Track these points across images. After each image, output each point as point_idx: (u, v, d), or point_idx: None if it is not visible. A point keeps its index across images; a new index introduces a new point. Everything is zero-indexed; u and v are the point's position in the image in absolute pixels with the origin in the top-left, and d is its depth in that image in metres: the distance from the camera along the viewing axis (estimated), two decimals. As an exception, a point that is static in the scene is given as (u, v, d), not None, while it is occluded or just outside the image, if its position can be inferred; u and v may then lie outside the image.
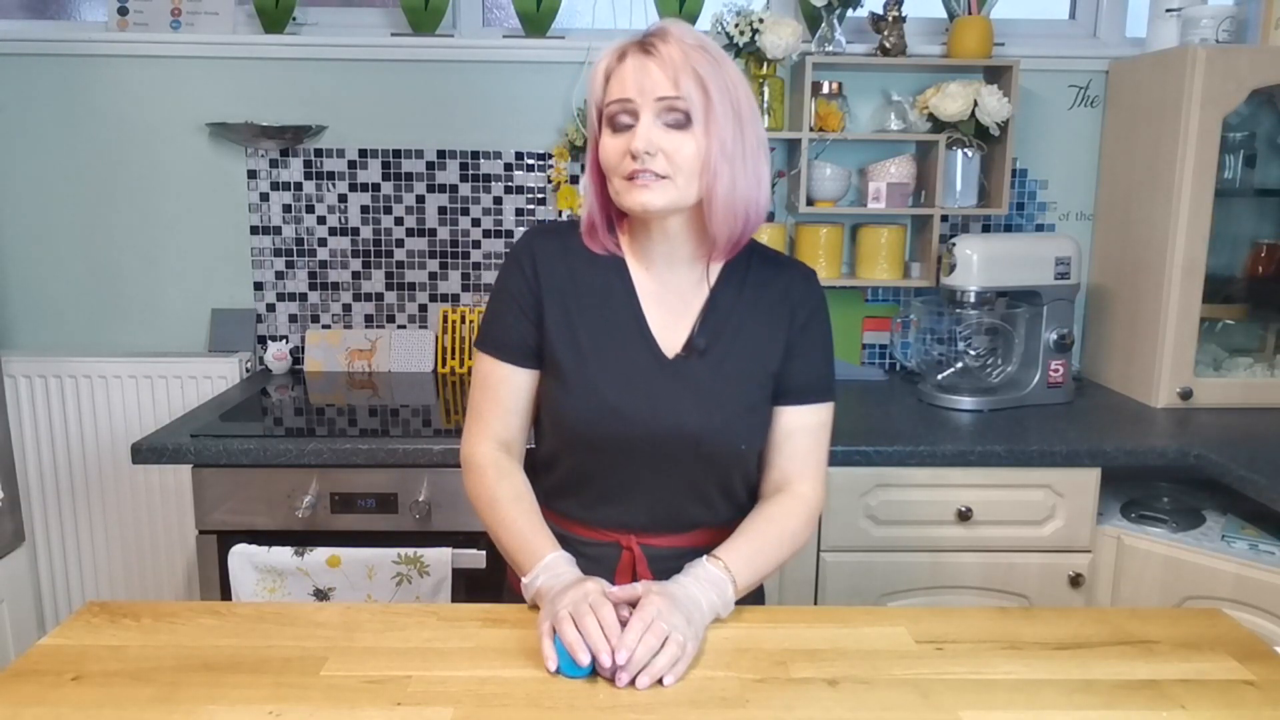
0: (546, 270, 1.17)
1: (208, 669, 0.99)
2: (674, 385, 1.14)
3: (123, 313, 2.38)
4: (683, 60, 1.06)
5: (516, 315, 1.18)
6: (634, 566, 1.19)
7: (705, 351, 1.16)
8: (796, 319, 1.19)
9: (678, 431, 1.13)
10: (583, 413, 1.14)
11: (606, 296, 1.17)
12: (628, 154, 1.07)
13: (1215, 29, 2.06)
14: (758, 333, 1.18)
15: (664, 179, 1.08)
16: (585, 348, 1.15)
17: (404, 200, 2.35)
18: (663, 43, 1.07)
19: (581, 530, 1.21)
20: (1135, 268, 2.16)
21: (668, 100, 1.06)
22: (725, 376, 1.16)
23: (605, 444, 1.15)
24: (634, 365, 1.15)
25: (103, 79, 2.27)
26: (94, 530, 2.35)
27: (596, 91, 1.11)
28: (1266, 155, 2.19)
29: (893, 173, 2.22)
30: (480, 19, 2.37)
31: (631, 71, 1.07)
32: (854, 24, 2.29)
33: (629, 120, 1.08)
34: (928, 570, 1.82)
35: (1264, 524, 1.78)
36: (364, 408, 2.03)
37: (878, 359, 2.44)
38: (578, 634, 0.96)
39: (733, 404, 1.15)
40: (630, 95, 1.07)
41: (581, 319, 1.16)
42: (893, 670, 1.00)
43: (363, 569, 1.72)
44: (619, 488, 1.18)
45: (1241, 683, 0.98)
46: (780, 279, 1.20)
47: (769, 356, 1.18)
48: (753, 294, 1.19)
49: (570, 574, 1.08)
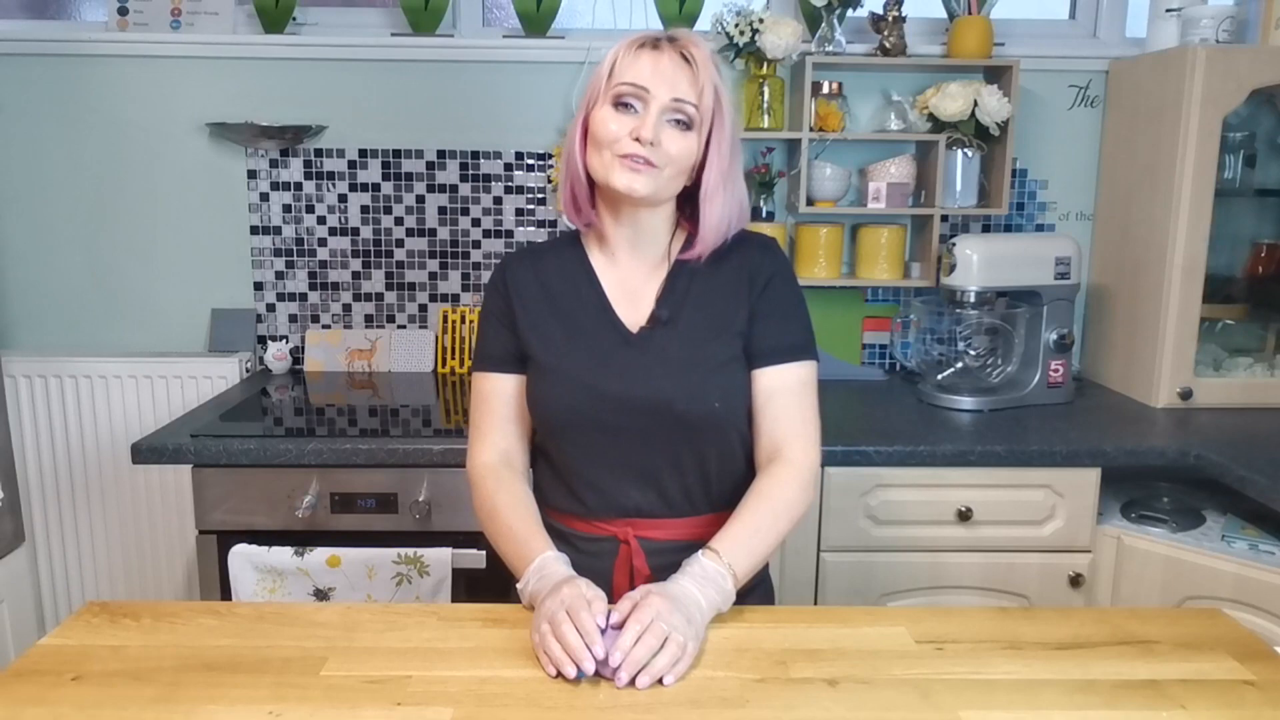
0: (515, 283, 1.24)
1: (208, 669, 0.99)
2: (642, 356, 1.18)
3: (123, 313, 2.38)
4: (709, 75, 1.12)
5: (496, 328, 1.24)
6: (631, 561, 1.19)
7: (668, 322, 1.19)
8: (756, 284, 1.21)
9: (651, 398, 1.15)
10: (560, 397, 1.18)
11: (573, 291, 1.22)
12: (630, 136, 1.11)
13: (1215, 29, 2.06)
14: (718, 298, 1.20)
15: (654, 168, 1.12)
16: (556, 339, 1.20)
17: (404, 200, 2.35)
18: (696, 49, 1.13)
19: (579, 525, 1.22)
20: (1135, 268, 2.16)
21: (682, 102, 1.11)
22: (690, 341, 1.18)
23: (585, 423, 1.17)
24: (602, 344, 1.19)
25: (103, 79, 2.27)
26: (94, 530, 2.35)
27: (616, 64, 1.13)
28: (1266, 155, 2.19)
29: (893, 173, 2.22)
30: (480, 19, 2.37)
31: (659, 64, 1.12)
32: (854, 24, 2.29)
33: (637, 105, 1.12)
34: (928, 570, 1.82)
35: (1264, 524, 1.78)
36: (364, 408, 2.03)
37: (878, 359, 2.44)
38: (561, 652, 0.96)
39: (701, 365, 1.17)
40: (648, 84, 1.11)
41: (553, 317, 1.21)
42: (893, 670, 1.00)
43: (363, 569, 1.72)
44: (606, 470, 1.19)
45: (1241, 683, 0.98)
46: (737, 250, 1.23)
47: (732, 318, 1.20)
48: (710, 266, 1.21)
49: (560, 573, 1.08)
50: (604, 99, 1.13)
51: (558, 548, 1.17)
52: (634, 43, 1.14)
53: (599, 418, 1.16)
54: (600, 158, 1.14)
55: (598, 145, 1.13)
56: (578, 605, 1.00)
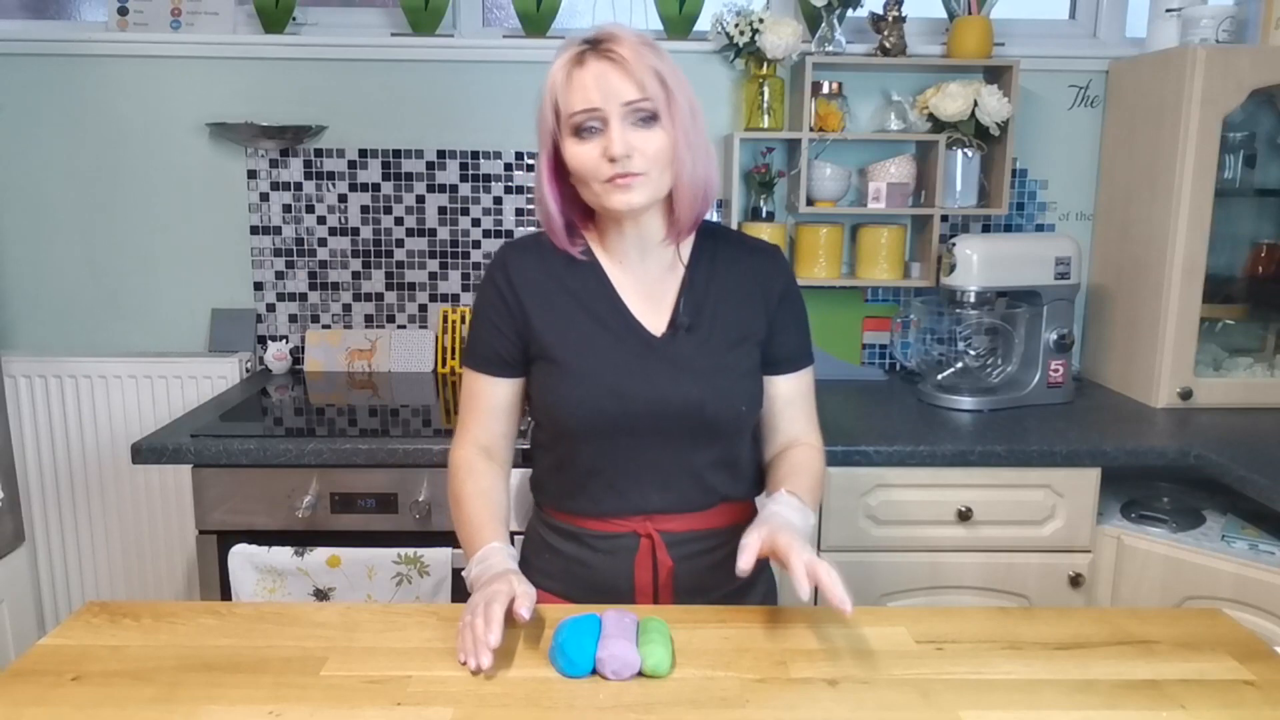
0: (523, 279, 1.22)
1: (208, 669, 0.99)
2: (666, 362, 1.19)
3: (123, 313, 2.38)
4: (640, 61, 1.10)
5: (491, 331, 1.23)
6: (654, 553, 1.21)
7: (690, 328, 1.20)
8: (771, 296, 1.25)
9: (681, 402, 1.17)
10: (586, 400, 1.17)
11: (586, 294, 1.22)
12: (604, 159, 1.11)
13: (1215, 29, 2.06)
14: (736, 306, 1.23)
15: (641, 175, 1.12)
16: (576, 340, 1.20)
17: (404, 200, 2.35)
18: (619, 46, 1.10)
19: (593, 524, 1.23)
20: (1135, 268, 2.16)
21: (634, 103, 1.10)
22: (714, 347, 1.21)
23: (611, 428, 1.18)
24: (625, 349, 1.19)
25: (103, 79, 2.27)
26: (94, 530, 2.35)
27: (558, 96, 1.12)
28: (1266, 155, 2.19)
29: (893, 173, 2.22)
30: (480, 19, 2.37)
31: (594, 79, 1.10)
32: (854, 24, 2.29)
33: (598, 126, 1.11)
34: (928, 570, 1.82)
35: (1264, 524, 1.78)
36: (364, 408, 2.03)
37: (878, 359, 2.44)
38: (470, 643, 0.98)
39: (727, 370, 1.20)
40: (597, 104, 1.10)
41: (570, 316, 1.21)
42: (893, 670, 1.00)
43: (363, 569, 1.72)
44: (628, 473, 1.20)
45: (1241, 683, 0.98)
46: (748, 258, 1.26)
47: (752, 326, 1.23)
48: (725, 271, 1.24)
49: (499, 565, 1.10)
50: (564, 134, 1.13)
51: (570, 550, 1.20)
52: (562, 68, 1.12)
53: (624, 422, 1.17)
54: (590, 190, 1.15)
55: (582, 180, 1.15)
56: (495, 599, 1.00)
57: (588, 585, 1.23)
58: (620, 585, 1.22)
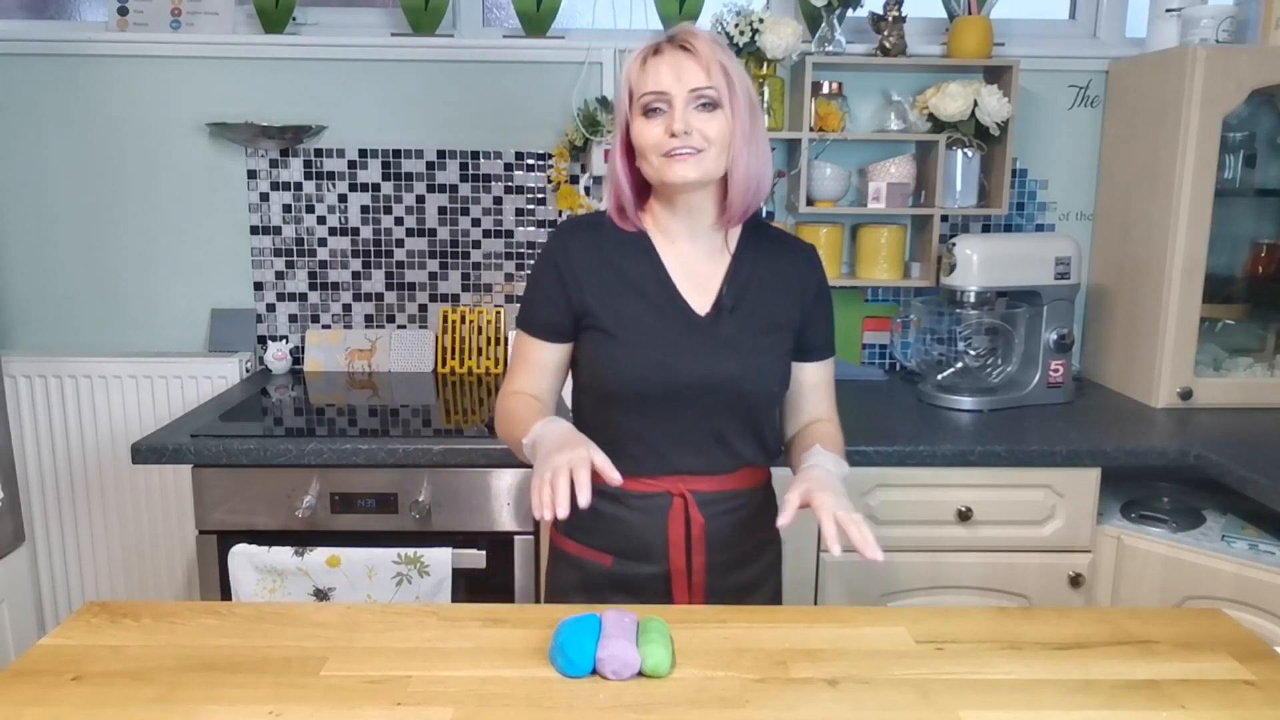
0: (580, 259, 1.31)
1: (208, 669, 0.99)
2: (710, 339, 1.29)
3: (122, 313, 2.38)
4: (710, 54, 1.23)
5: (545, 300, 1.32)
6: (686, 511, 1.30)
7: (733, 309, 1.31)
8: (808, 292, 1.36)
9: (723, 377, 1.28)
10: (631, 368, 1.27)
11: (638, 271, 1.31)
12: (666, 134, 1.22)
13: (1215, 29, 2.06)
14: (775, 296, 1.34)
15: (700, 153, 1.22)
16: (625, 311, 1.29)
17: (404, 200, 2.35)
18: (694, 39, 1.24)
19: (634, 485, 1.29)
20: (1135, 268, 2.16)
21: (700, 90, 1.22)
22: (754, 330, 1.31)
23: (656, 397, 1.28)
24: (673, 326, 1.29)
25: (103, 79, 2.27)
26: (94, 530, 2.35)
27: (632, 81, 1.25)
28: (1266, 155, 2.19)
29: (893, 173, 2.22)
30: (480, 19, 2.37)
31: (669, 66, 1.23)
32: (854, 24, 2.29)
33: (664, 108, 1.23)
34: (928, 570, 1.82)
35: (1264, 524, 1.78)
36: (364, 408, 2.03)
37: (878, 359, 2.44)
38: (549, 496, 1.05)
39: (765, 352, 1.31)
40: (666, 87, 1.22)
41: (620, 289, 1.30)
42: (893, 670, 1.00)
43: (363, 569, 1.72)
44: (666, 438, 1.30)
45: (1241, 683, 0.98)
46: (788, 254, 1.38)
47: (788, 315, 1.34)
48: (767, 263, 1.35)
49: (567, 428, 1.18)
50: (635, 114, 1.25)
51: (608, 509, 1.30)
52: (640, 57, 1.25)
53: (669, 392, 1.27)
54: (650, 163, 1.25)
55: (644, 155, 1.25)
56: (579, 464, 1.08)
57: (625, 540, 1.32)
58: (655, 540, 1.31)
